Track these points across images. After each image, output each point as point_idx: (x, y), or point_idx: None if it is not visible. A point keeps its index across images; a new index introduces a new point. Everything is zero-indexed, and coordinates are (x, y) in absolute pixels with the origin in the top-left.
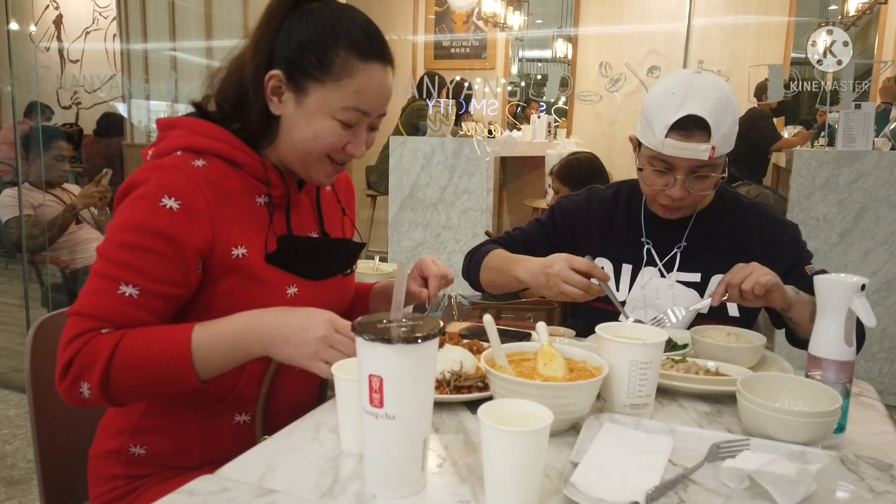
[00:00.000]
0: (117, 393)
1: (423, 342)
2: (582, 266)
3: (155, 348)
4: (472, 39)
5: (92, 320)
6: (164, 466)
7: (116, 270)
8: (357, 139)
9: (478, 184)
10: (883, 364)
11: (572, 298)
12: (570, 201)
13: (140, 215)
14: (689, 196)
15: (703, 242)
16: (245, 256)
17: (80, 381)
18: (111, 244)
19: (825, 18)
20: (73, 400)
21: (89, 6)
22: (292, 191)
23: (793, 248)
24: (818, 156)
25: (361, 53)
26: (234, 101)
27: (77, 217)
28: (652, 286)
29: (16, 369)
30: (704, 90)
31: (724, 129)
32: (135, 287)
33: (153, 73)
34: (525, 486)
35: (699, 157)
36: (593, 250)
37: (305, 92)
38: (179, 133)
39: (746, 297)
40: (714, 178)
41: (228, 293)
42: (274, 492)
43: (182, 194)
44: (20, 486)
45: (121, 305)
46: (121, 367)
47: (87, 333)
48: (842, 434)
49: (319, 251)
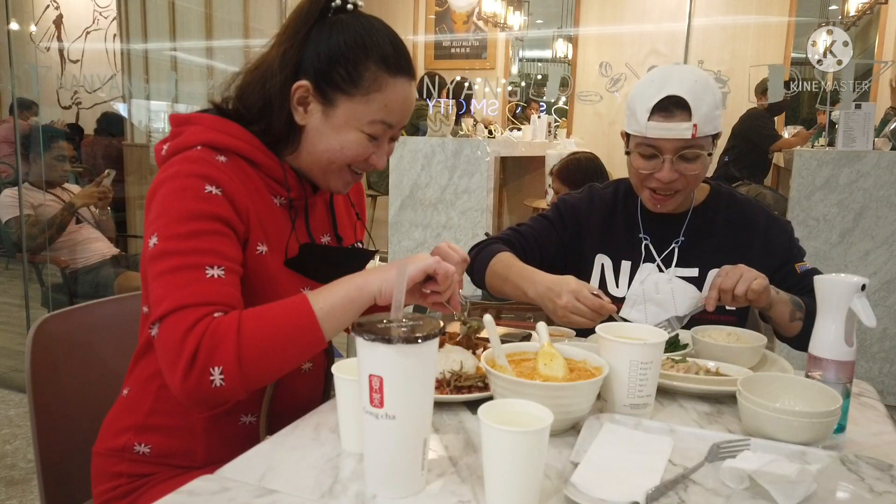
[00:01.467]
0: (252, 367)
1: (423, 342)
2: (589, 302)
3: (277, 314)
4: (472, 39)
5: (199, 308)
6: (167, 465)
7: (195, 258)
8: (381, 150)
9: (478, 184)
10: (883, 364)
11: (582, 326)
12: (573, 198)
13: (190, 204)
14: (679, 178)
15: (700, 237)
16: (266, 255)
17: (210, 366)
18: (173, 239)
19: (825, 18)
20: (202, 395)
21: (89, 6)
22: (308, 194)
23: (785, 245)
24: (818, 156)
25: (391, 68)
26: (257, 108)
27: (77, 217)
28: (651, 281)
29: (16, 369)
30: (682, 74)
31: (704, 108)
32: (219, 268)
33: (153, 73)
34: (525, 486)
35: (682, 136)
36: (595, 247)
37: (333, 104)
38: (199, 129)
39: (738, 301)
40: (702, 158)
41: (246, 288)
42: (274, 492)
43: (221, 182)
44: (20, 486)
45: (217, 286)
46: (251, 339)
47: (203, 320)
48: (842, 434)
49: (335, 259)
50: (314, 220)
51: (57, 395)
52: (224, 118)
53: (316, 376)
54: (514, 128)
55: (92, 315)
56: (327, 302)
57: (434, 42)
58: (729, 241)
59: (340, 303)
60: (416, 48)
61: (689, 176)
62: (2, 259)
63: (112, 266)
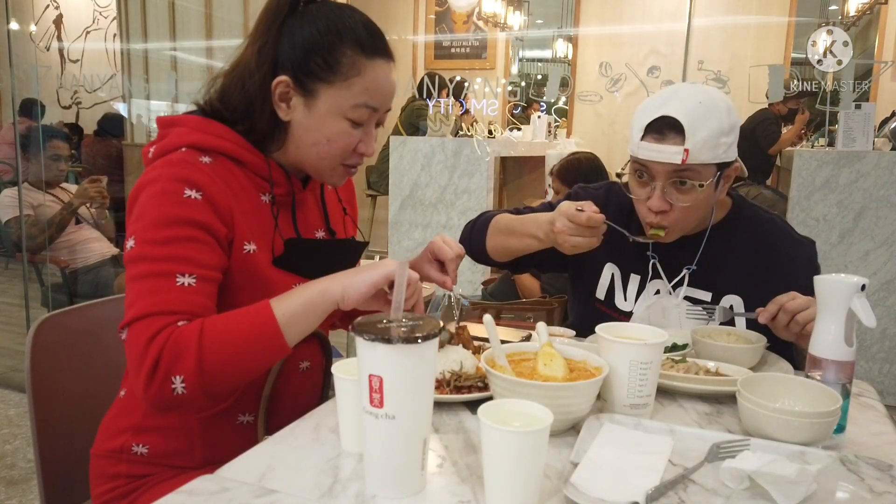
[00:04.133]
0: (212, 375)
1: (423, 342)
2: (578, 219)
3: (239, 322)
4: (472, 39)
5: (164, 316)
6: (166, 466)
7: (167, 265)
8: (368, 137)
9: (478, 184)
10: (883, 364)
11: (587, 247)
12: (588, 193)
13: (168, 209)
14: (671, 211)
15: (717, 261)
16: (255, 253)
17: (171, 375)
18: (149, 244)
19: (825, 18)
20: (164, 401)
21: (89, 6)
22: (297, 189)
23: (808, 272)
24: (818, 156)
25: (367, 51)
26: (240, 109)
27: (77, 217)
28: (658, 307)
29: (16, 369)
30: (688, 94)
31: (702, 134)
32: (191, 276)
33: (153, 73)
34: (525, 486)
35: (671, 161)
36: (605, 254)
37: (314, 94)
38: (183, 130)
39: (792, 329)
40: (697, 190)
41: (236, 289)
42: (274, 492)
43: (201, 186)
44: (20, 486)
45: (186, 295)
46: (212, 348)
47: (165, 329)
48: (842, 434)
49: (324, 253)
50: (304, 216)
51: (57, 395)
52: (209, 119)
53: (314, 375)
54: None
55: (92, 315)
56: (290, 308)
57: (434, 42)
58: (747, 267)
59: (302, 308)
60: (416, 48)
61: (680, 208)
62: (2, 259)
63: (112, 266)
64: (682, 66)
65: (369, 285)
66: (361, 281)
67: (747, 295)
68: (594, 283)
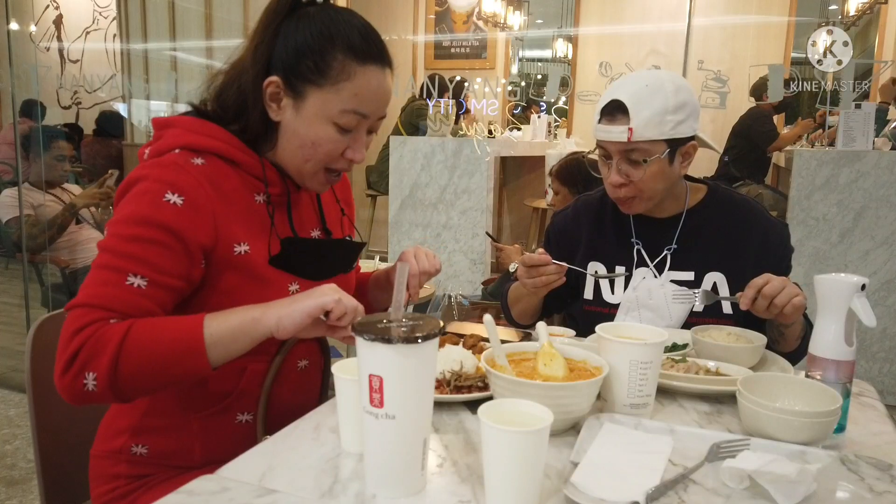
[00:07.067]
0: (124, 380)
1: (423, 342)
2: (532, 260)
3: (167, 332)
4: (472, 39)
5: (99, 310)
6: (165, 466)
7: (123, 262)
8: (357, 143)
9: (478, 184)
10: (883, 364)
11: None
12: (560, 218)
13: (144, 210)
14: (629, 184)
15: (695, 241)
16: (247, 254)
17: (85, 371)
18: (116, 238)
19: (825, 18)
20: (74, 395)
21: (89, 6)
22: (291, 189)
23: (780, 250)
24: (818, 156)
25: (359, 56)
26: (234, 107)
27: (77, 217)
28: (644, 287)
29: (16, 369)
30: (637, 77)
31: (646, 113)
32: (143, 278)
33: (153, 73)
34: (525, 486)
35: (619, 139)
36: (588, 256)
37: (303, 97)
38: (177, 132)
39: (772, 311)
40: (651, 164)
41: (229, 291)
42: (274, 492)
43: (185, 190)
44: (20, 486)
45: (130, 296)
46: (131, 353)
47: (95, 323)
48: (842, 434)
49: (321, 252)
50: (300, 215)
51: (57, 395)
52: (203, 119)
53: (312, 375)
54: (514, 128)
55: None
56: (220, 329)
57: (434, 42)
58: (725, 244)
59: (231, 333)
60: (416, 48)
61: (637, 181)
62: (2, 259)
63: None
64: (682, 65)
65: (304, 316)
66: (297, 311)
67: (728, 270)
68: (582, 286)
